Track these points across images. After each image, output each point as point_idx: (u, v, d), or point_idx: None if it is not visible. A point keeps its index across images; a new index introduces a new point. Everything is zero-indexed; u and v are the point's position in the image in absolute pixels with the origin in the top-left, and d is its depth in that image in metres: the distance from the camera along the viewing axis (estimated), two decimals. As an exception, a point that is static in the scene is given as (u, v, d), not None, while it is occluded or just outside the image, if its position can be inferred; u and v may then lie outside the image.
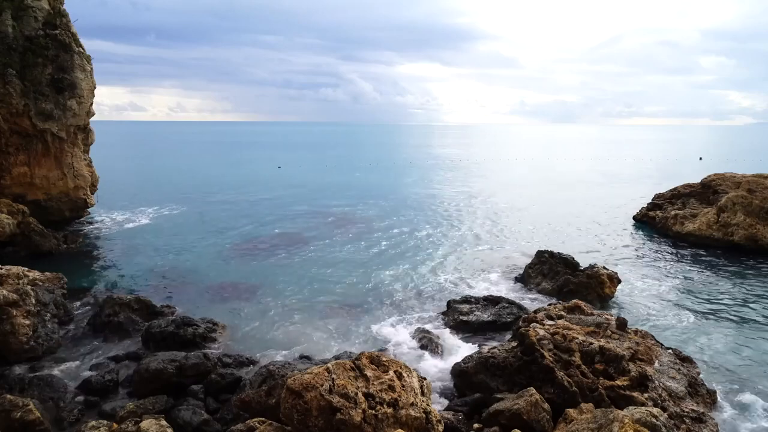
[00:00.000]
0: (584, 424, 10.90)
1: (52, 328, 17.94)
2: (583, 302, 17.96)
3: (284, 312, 21.48)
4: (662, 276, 26.43)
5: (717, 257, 29.64)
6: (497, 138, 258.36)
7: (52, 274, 20.91)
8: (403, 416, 10.74)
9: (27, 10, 31.59)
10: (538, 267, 25.20)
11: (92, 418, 13.39)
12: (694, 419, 12.69)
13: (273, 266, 27.92)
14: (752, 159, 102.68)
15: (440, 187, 61.75)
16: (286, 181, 66.11)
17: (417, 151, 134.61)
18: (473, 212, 44.43)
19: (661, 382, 13.63)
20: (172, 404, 14.05)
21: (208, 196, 51.77)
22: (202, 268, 27.50)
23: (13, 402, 12.71)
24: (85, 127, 35.44)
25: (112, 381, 15.32)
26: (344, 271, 27.17)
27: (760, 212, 30.78)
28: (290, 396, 10.72)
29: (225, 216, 41.71)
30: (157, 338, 17.88)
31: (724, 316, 21.22)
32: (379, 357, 12.07)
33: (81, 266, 27.53)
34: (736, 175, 36.90)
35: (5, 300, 16.88)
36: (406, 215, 42.69)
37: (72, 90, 32.58)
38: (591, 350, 14.04)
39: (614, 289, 23.01)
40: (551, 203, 49.11)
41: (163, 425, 11.79)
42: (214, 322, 19.46)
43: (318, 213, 43.40)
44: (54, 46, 31.91)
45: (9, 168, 31.94)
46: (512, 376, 14.32)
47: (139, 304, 20.35)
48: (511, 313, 19.81)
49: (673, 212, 35.76)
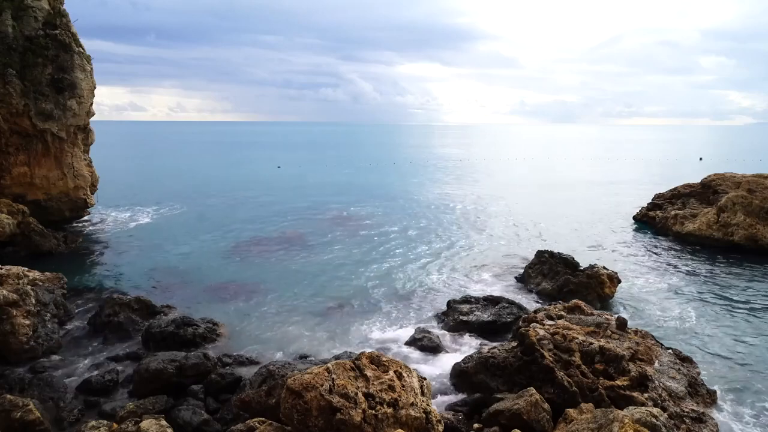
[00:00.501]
0: (584, 424, 10.91)
1: (52, 328, 17.94)
2: (583, 302, 17.96)
3: (284, 312, 21.48)
4: (662, 276, 26.43)
5: (717, 257, 29.64)
6: (497, 138, 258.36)
7: (52, 274, 20.91)
8: (403, 416, 10.74)
9: (27, 10, 31.59)
10: (538, 267, 25.20)
11: (92, 418, 13.40)
12: (694, 419, 12.70)
13: (273, 266, 27.91)
14: (752, 159, 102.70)
15: (440, 187, 61.74)
16: (286, 181, 66.12)
17: (417, 151, 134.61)
18: (473, 212, 44.43)
19: (661, 382, 13.63)
20: (172, 404, 14.05)
21: (208, 196, 51.77)
22: (202, 268, 27.50)
23: (13, 402, 12.71)
24: (85, 127, 35.44)
25: (112, 381, 15.32)
26: (344, 271, 27.17)
27: (760, 212, 30.79)
28: (290, 396, 10.72)
29: (225, 216, 41.72)
30: (157, 338, 17.87)
31: (724, 316, 21.22)
32: (379, 357, 12.06)
33: (81, 266, 27.53)
34: (736, 175, 36.91)
35: (5, 300, 16.88)
36: (405, 215, 42.69)
37: (72, 90, 32.58)
38: (591, 350, 14.04)
39: (614, 289, 23.00)
40: (551, 203, 49.11)
41: (163, 425, 11.79)
42: (214, 322, 19.46)
43: (318, 213, 43.40)
44: (54, 46, 31.91)
45: (9, 168, 31.93)
46: (512, 376, 14.32)
47: (139, 304, 20.36)
48: (511, 313, 19.81)
49: (673, 212, 35.77)
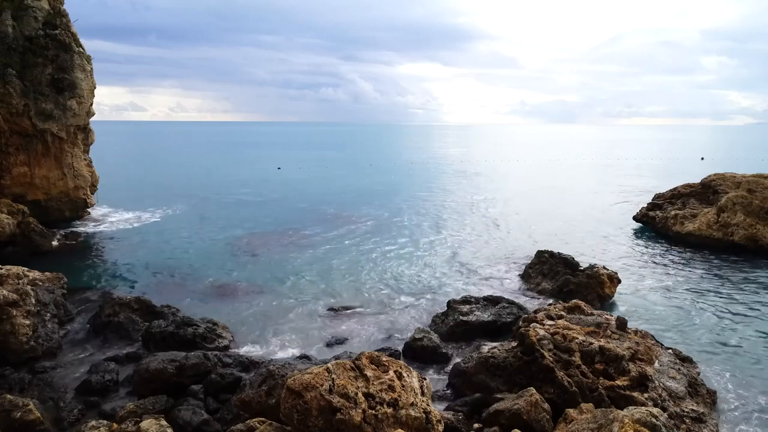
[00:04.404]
0: (584, 424, 10.90)
1: (52, 328, 17.93)
2: (583, 302, 17.96)
3: (284, 312, 21.48)
4: (662, 276, 26.42)
5: (717, 257, 29.63)
6: (497, 138, 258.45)
7: (52, 274, 20.90)
8: (403, 416, 10.74)
9: (27, 10, 31.61)
10: (538, 267, 25.20)
11: (92, 418, 13.38)
12: (694, 419, 12.69)
13: (273, 266, 27.90)
14: (752, 159, 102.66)
15: (440, 187, 61.74)
16: (285, 181, 66.13)
17: (417, 152, 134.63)
18: (473, 212, 44.43)
19: (661, 382, 13.62)
20: (172, 404, 14.03)
21: (207, 197, 51.77)
22: (202, 268, 27.49)
23: (13, 402, 12.71)
24: (85, 127, 35.46)
25: (112, 381, 15.32)
26: (344, 271, 27.18)
27: (760, 212, 30.78)
28: (290, 396, 10.71)
29: (225, 216, 41.71)
30: (157, 338, 17.87)
31: (724, 316, 21.21)
32: (379, 357, 12.06)
33: (81, 266, 27.54)
34: (736, 175, 36.89)
35: (5, 300, 16.88)
36: (405, 215, 42.69)
37: (72, 90, 32.60)
38: (591, 350, 14.04)
39: (614, 289, 23.00)
40: (551, 203, 49.11)
41: (163, 425, 11.79)
42: (214, 322, 19.44)
43: (318, 213, 43.40)
44: (54, 46, 31.93)
45: (9, 168, 31.95)
46: (512, 376, 14.31)
47: (139, 304, 20.35)
48: (511, 313, 19.80)
49: (673, 212, 35.76)
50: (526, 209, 45.68)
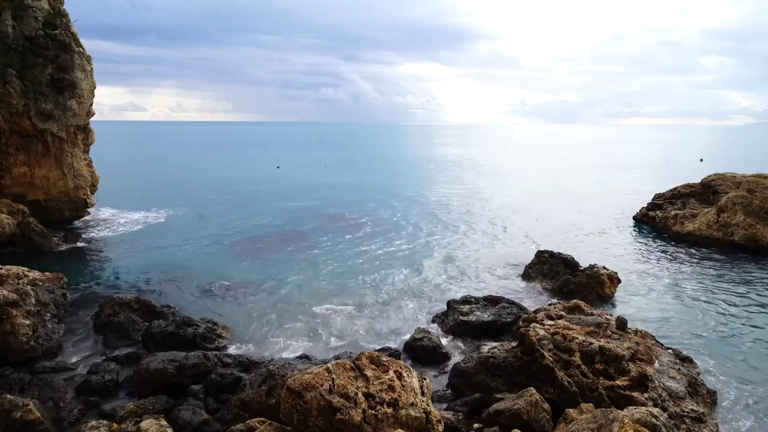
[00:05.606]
0: (584, 424, 10.90)
1: (52, 328, 17.93)
2: (583, 302, 17.95)
3: (284, 312, 21.48)
4: (662, 276, 26.42)
5: (717, 257, 29.63)
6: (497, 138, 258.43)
7: (52, 274, 20.89)
8: (403, 416, 10.74)
9: (27, 10, 31.58)
10: (538, 267, 25.21)
11: (92, 418, 13.39)
12: (694, 419, 12.69)
13: (273, 266, 27.89)
14: (752, 159, 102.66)
15: (441, 187, 61.74)
16: (286, 181, 66.12)
17: (417, 151, 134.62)
18: (473, 212, 44.43)
19: (661, 382, 13.62)
20: (172, 404, 14.03)
21: (207, 197, 51.78)
22: (202, 268, 27.49)
23: (13, 402, 12.71)
24: (85, 127, 35.43)
25: (112, 381, 15.32)
26: (344, 271, 27.17)
27: (760, 212, 30.78)
28: (290, 396, 10.71)
29: (224, 216, 41.71)
30: (157, 338, 17.87)
31: (724, 315, 21.21)
32: (379, 357, 12.05)
33: (81, 266, 27.54)
34: (736, 175, 36.90)
35: (5, 300, 16.87)
36: (405, 215, 42.69)
37: (72, 90, 32.57)
38: (591, 350, 14.04)
39: (614, 289, 23.00)
40: (551, 203, 49.09)
41: (163, 425, 11.79)
42: (214, 322, 19.44)
43: (318, 213, 43.41)
44: (54, 46, 31.90)
45: (9, 168, 31.93)
46: (512, 376, 14.31)
47: (139, 304, 20.36)
48: (511, 313, 19.81)
49: (673, 212, 35.77)
50: (526, 209, 45.68)
